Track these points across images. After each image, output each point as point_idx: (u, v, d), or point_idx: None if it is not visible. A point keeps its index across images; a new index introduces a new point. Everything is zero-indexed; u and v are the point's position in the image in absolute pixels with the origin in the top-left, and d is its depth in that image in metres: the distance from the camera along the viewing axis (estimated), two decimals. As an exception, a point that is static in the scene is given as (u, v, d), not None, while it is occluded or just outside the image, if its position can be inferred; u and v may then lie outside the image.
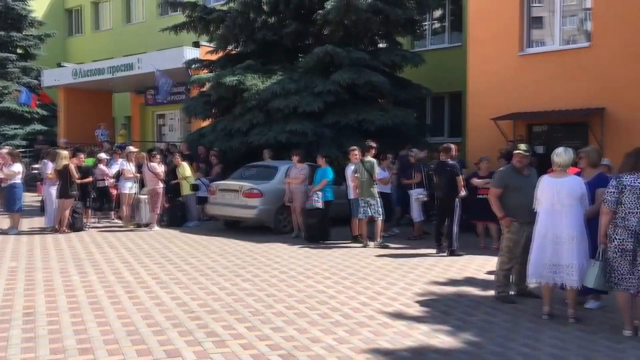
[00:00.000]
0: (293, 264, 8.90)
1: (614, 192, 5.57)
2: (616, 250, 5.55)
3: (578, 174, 6.55)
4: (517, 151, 7.01)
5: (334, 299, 6.84)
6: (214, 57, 17.71)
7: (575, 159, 6.65)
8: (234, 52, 17.60)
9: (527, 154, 7.03)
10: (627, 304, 5.59)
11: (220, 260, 9.18)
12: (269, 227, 12.15)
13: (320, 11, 15.14)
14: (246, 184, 12.25)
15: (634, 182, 5.50)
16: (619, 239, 5.53)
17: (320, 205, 11.08)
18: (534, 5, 14.19)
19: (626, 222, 5.49)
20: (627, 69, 12.20)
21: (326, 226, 11.18)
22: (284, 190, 11.92)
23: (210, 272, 8.28)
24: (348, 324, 5.89)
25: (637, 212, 5.46)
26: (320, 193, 11.17)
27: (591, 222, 6.09)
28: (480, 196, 9.98)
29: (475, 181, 10.46)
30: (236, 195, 12.23)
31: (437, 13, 19.22)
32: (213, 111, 16.96)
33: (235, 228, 12.91)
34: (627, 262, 5.50)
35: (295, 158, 11.98)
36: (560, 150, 6.27)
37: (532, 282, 6.67)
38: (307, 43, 17.03)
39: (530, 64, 13.76)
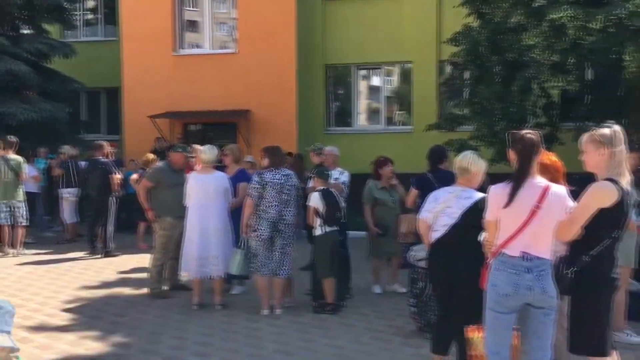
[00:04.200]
0: None
1: (257, 187, 6.12)
2: (257, 239, 6.12)
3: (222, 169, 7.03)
4: (181, 152, 7.15)
5: (-41, 320, 5.86)
6: None
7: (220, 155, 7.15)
8: None
9: (190, 155, 7.27)
10: (264, 286, 6.24)
11: None
12: None
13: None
14: None
15: (273, 179, 6.15)
16: (261, 229, 6.11)
17: None
18: (187, 9, 14.73)
19: (267, 214, 6.10)
20: (268, 74, 13.65)
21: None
22: None
23: None
24: (-24, 346, 5.13)
25: (276, 205, 6.12)
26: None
27: (234, 214, 6.59)
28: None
29: (133, 178, 10.31)
30: None
31: (91, 3, 18.25)
32: None
33: None
34: (266, 249, 6.13)
35: None
36: (205, 148, 6.64)
37: (183, 276, 6.90)
38: None
39: (185, 64, 14.25)
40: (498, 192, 3.36)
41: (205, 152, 6.57)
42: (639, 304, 5.73)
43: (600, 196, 3.21)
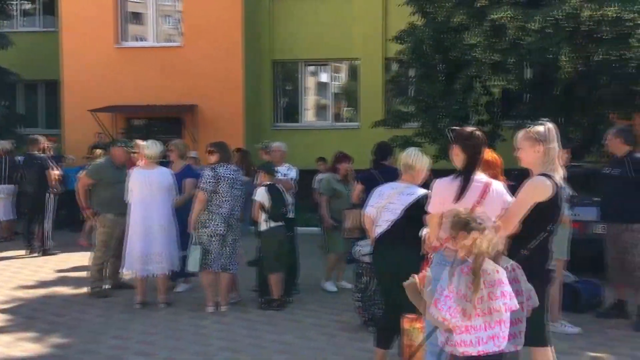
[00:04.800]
0: None
1: (212, 182, 6.01)
2: (211, 234, 6.02)
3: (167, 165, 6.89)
4: (122, 147, 6.95)
5: None
6: None
7: (165, 151, 7.03)
8: None
9: (132, 150, 7.07)
10: (211, 283, 6.17)
11: None
12: None
13: None
14: None
15: (226, 173, 6.08)
16: (214, 224, 6.02)
17: None
18: (131, 0, 14.36)
19: (220, 210, 6.02)
20: (214, 69, 13.47)
21: None
22: None
23: None
24: None
25: (229, 200, 6.05)
26: None
27: (180, 211, 6.47)
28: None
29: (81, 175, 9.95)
30: None
31: (28, -8, 17.54)
32: None
33: None
34: (219, 245, 6.05)
35: None
36: (149, 143, 6.49)
37: (126, 274, 6.74)
38: None
39: (128, 57, 13.90)
40: (443, 188, 3.40)
41: (149, 147, 6.42)
42: (573, 295, 5.99)
43: (536, 191, 3.32)
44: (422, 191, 4.19)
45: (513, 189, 3.49)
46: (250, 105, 13.96)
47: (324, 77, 15.50)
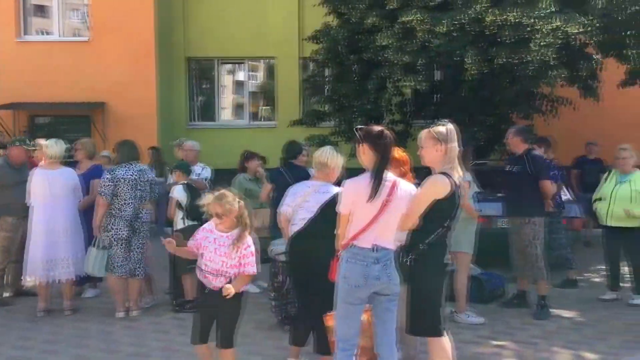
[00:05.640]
0: None
1: (109, 185, 5.79)
2: (113, 238, 5.81)
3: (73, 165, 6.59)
4: (20, 146, 6.56)
5: None
6: None
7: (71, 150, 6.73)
8: None
9: (33, 149, 6.68)
10: (120, 288, 5.95)
11: None
12: None
13: None
14: None
15: (126, 174, 5.86)
16: (116, 228, 5.81)
17: None
18: (34, -9, 13.62)
19: (122, 213, 5.81)
20: (125, 65, 12.95)
21: None
22: None
23: None
24: None
25: (131, 202, 5.84)
26: None
27: (87, 212, 6.20)
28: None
29: None
30: None
31: None
32: None
33: None
34: (123, 249, 5.84)
35: None
36: (51, 142, 6.18)
37: (28, 281, 6.39)
38: None
39: (32, 52, 13.13)
40: (354, 187, 3.44)
41: (51, 146, 6.11)
42: (478, 286, 6.28)
43: (435, 189, 3.46)
44: (336, 189, 4.24)
45: (420, 188, 3.62)
46: (164, 103, 13.59)
47: (240, 76, 15.34)
